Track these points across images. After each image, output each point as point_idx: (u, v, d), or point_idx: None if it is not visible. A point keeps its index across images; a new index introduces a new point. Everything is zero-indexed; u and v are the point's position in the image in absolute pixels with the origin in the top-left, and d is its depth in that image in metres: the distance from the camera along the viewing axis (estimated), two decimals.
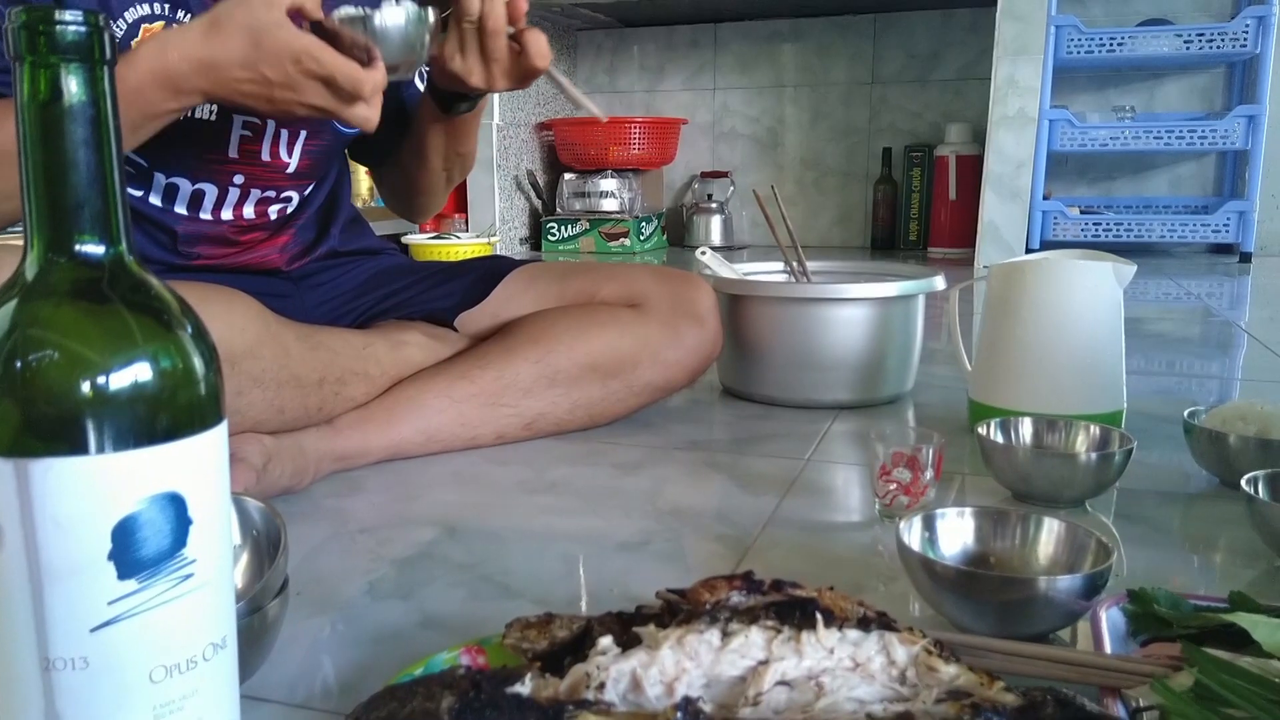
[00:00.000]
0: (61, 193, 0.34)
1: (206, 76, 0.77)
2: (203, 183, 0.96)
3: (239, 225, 1.01)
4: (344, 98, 0.79)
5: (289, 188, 1.02)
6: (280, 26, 0.76)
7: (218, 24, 0.76)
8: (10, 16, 0.33)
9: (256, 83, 0.77)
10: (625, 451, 1.02)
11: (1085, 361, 0.98)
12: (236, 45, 0.76)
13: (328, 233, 1.10)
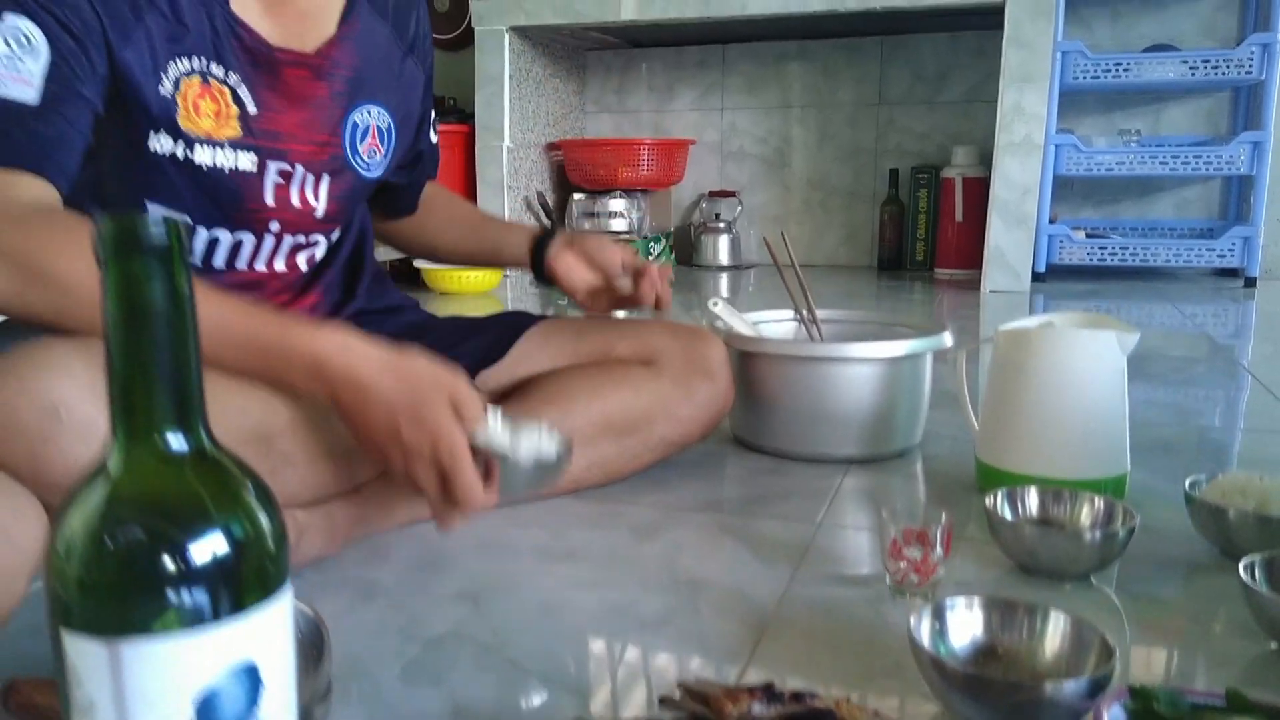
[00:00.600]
0: (145, 390, 0.37)
1: (349, 390, 0.79)
2: (241, 232, 0.98)
3: (272, 283, 1.04)
4: (447, 495, 0.81)
5: (317, 232, 1.05)
6: (445, 407, 0.79)
7: (400, 367, 0.80)
8: (100, 223, 0.36)
9: (386, 428, 0.79)
10: (641, 512, 1.05)
11: (1089, 428, 1.01)
12: (399, 393, 0.79)
13: (354, 294, 1.13)
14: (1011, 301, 2.69)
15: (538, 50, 3.38)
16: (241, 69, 0.93)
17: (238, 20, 0.92)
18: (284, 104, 0.97)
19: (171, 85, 0.89)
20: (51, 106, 0.82)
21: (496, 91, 3.22)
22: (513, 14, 3.16)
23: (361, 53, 1.02)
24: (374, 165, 1.07)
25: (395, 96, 1.07)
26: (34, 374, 0.72)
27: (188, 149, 0.91)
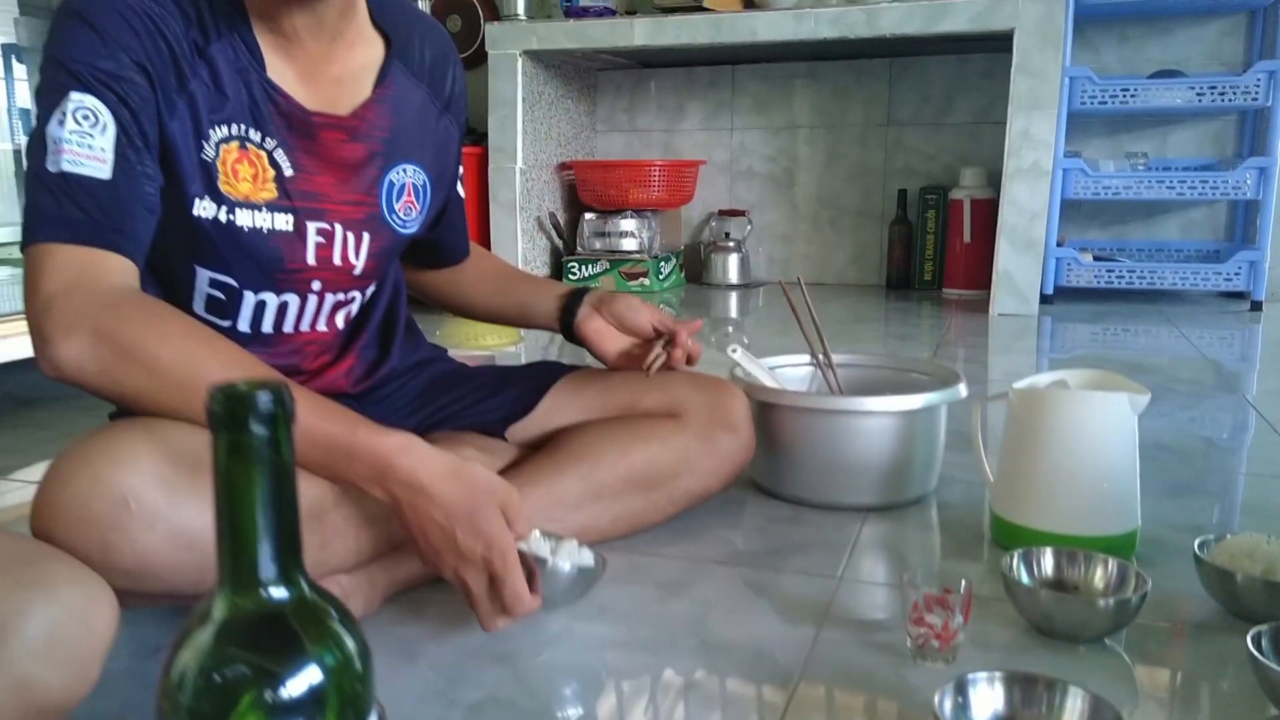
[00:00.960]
0: (250, 548, 0.41)
1: (410, 493, 0.83)
2: (286, 294, 1.01)
3: (314, 345, 1.07)
4: (495, 600, 0.86)
5: (355, 289, 1.08)
6: (499, 516, 0.84)
7: (459, 474, 0.83)
8: (212, 394, 0.40)
9: (442, 531, 0.83)
10: (666, 565, 1.09)
11: (1102, 487, 1.04)
12: (457, 499, 0.83)
13: (389, 352, 1.17)
14: (1020, 325, 2.72)
15: (550, 72, 3.42)
16: (278, 133, 0.96)
17: (274, 87, 0.95)
18: (321, 165, 1.00)
19: (213, 151, 0.93)
20: (122, 181, 0.85)
21: (509, 114, 3.26)
22: (525, 39, 3.20)
23: (397, 114, 1.05)
24: (410, 222, 1.10)
25: (430, 154, 1.11)
26: (106, 467, 0.75)
27: (229, 213, 0.94)
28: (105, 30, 0.86)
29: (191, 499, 0.78)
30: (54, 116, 0.85)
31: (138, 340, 0.80)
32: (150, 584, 0.77)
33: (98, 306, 0.81)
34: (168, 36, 0.89)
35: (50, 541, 0.74)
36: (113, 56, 0.86)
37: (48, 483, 0.77)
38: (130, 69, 0.87)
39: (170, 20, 0.89)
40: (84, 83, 0.85)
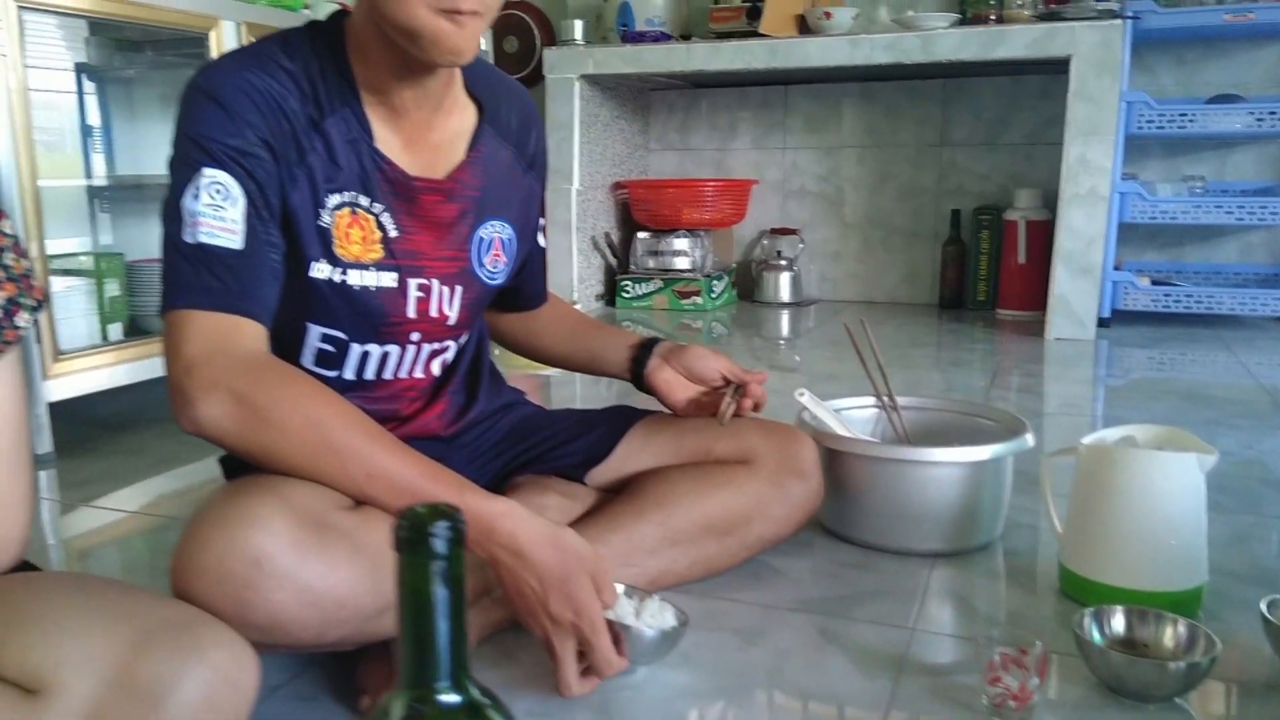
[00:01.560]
0: (429, 654, 0.46)
1: (508, 555, 0.89)
2: (388, 345, 1.08)
3: (410, 391, 1.13)
4: (580, 661, 0.93)
5: (449, 338, 1.14)
6: (589, 583, 0.90)
7: (555, 541, 0.90)
8: (400, 519, 0.45)
9: (535, 594, 0.89)
10: (742, 612, 1.13)
11: (1170, 544, 1.07)
12: (552, 565, 0.89)
13: (476, 397, 1.22)
14: (1076, 350, 2.73)
15: (605, 94, 3.48)
16: (384, 198, 1.03)
17: (382, 156, 1.02)
18: (420, 226, 1.06)
19: (329, 217, 1.00)
20: (252, 250, 0.92)
21: (566, 137, 3.32)
22: (583, 63, 3.26)
23: (487, 174, 1.11)
24: (497, 273, 1.16)
25: (515, 210, 1.17)
26: (241, 529, 0.82)
27: (342, 273, 1.01)
28: (233, 108, 0.93)
29: (315, 559, 0.84)
30: (188, 190, 0.92)
31: (271, 403, 0.87)
32: (279, 638, 0.84)
33: (236, 370, 0.87)
34: (288, 113, 0.96)
35: (189, 598, 0.81)
36: (240, 133, 0.93)
37: (187, 543, 0.83)
38: (256, 145, 0.94)
39: (289, 97, 0.96)
40: (215, 158, 0.92)
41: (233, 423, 0.86)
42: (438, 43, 0.92)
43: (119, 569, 1.37)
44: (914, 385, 2.29)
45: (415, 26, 0.91)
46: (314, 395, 0.90)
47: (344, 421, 0.89)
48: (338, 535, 0.86)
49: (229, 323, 0.90)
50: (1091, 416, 2.07)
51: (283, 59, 0.97)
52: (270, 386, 0.88)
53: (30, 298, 0.79)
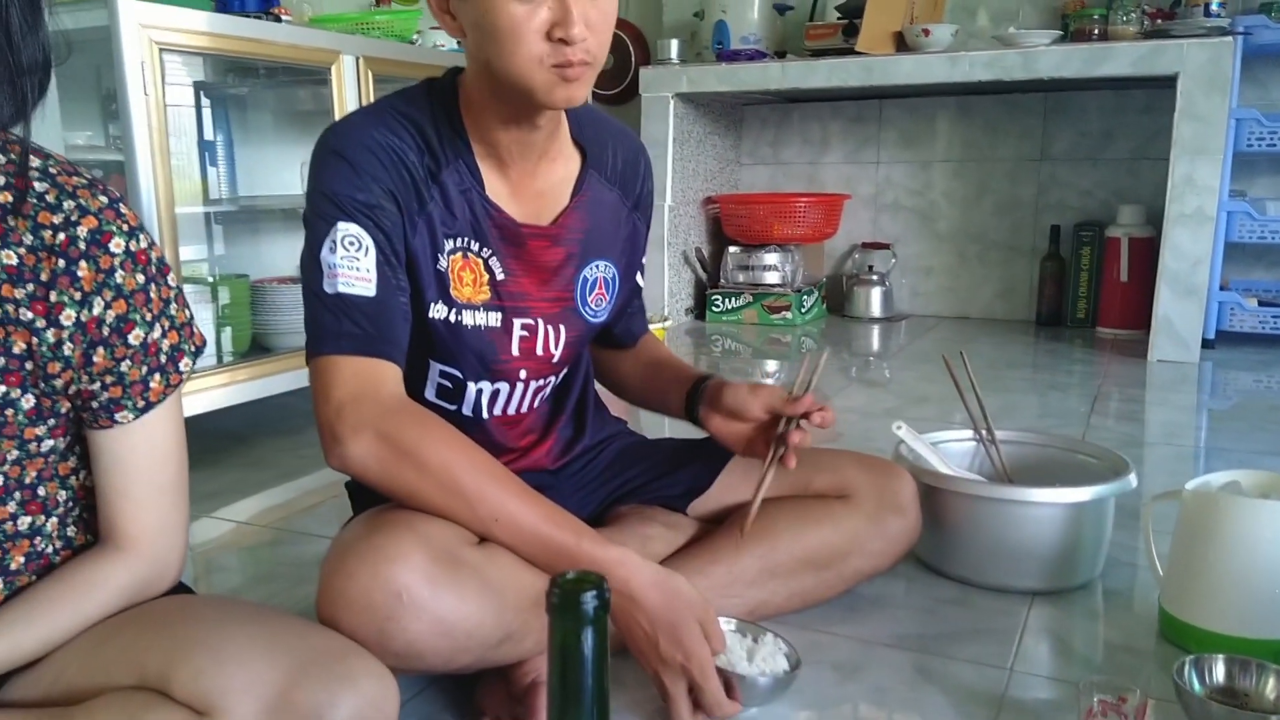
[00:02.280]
0: (576, 708, 0.51)
1: (622, 598, 0.94)
2: (499, 382, 1.14)
3: (522, 424, 1.19)
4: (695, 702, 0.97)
5: (552, 374, 1.20)
6: (697, 630, 0.95)
7: (665, 587, 0.95)
8: (551, 590, 0.51)
9: (646, 636, 0.95)
10: (839, 646, 1.16)
11: (1272, 592, 1.07)
12: (662, 611, 0.94)
13: (584, 431, 1.28)
14: (1179, 373, 2.67)
15: (699, 111, 3.52)
16: (493, 243, 1.09)
17: (491, 204, 1.08)
18: (526, 269, 1.12)
19: (445, 262, 1.06)
20: (385, 297, 0.99)
21: (660, 154, 3.37)
22: (677, 82, 3.31)
23: (591, 217, 1.16)
24: (600, 312, 1.21)
25: (619, 249, 1.22)
26: (384, 563, 0.89)
27: (457, 314, 1.08)
28: (360, 165, 1.01)
29: (449, 592, 0.91)
30: (325, 244, 0.99)
31: (412, 445, 0.94)
32: (413, 664, 0.91)
33: (380, 414, 0.95)
34: (408, 166, 1.03)
35: (334, 625, 0.88)
36: (367, 188, 1.00)
37: (334, 574, 0.91)
38: (382, 197, 1.01)
39: (409, 152, 1.03)
40: (347, 212, 1.00)
41: (377, 462, 0.94)
42: (551, 94, 0.97)
43: (243, 580, 1.47)
44: (1011, 410, 2.28)
45: (528, 82, 0.97)
46: (449, 440, 0.97)
47: (474, 465, 0.96)
48: (468, 571, 0.93)
49: (370, 366, 0.97)
50: (1195, 447, 2.03)
51: (403, 116, 1.04)
52: (410, 429, 0.95)
53: (191, 344, 0.88)
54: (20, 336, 0.77)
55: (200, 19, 1.83)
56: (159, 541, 0.86)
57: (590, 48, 0.96)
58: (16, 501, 0.81)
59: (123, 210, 0.81)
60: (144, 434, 0.84)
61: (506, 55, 0.95)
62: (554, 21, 0.94)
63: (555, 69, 0.96)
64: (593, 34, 0.96)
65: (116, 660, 0.78)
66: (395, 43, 2.35)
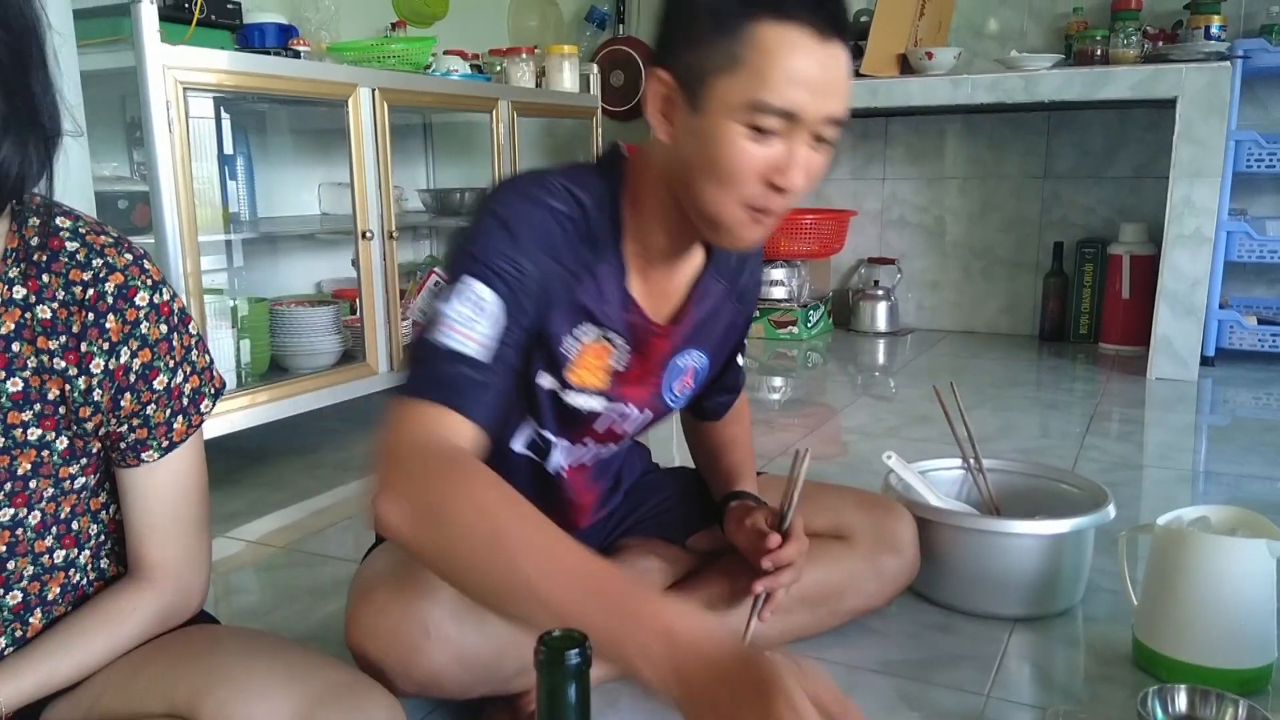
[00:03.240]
0: None
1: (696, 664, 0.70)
2: (578, 447, 1.13)
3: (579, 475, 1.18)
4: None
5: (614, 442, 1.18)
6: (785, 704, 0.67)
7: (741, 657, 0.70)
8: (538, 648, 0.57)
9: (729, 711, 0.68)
10: (828, 672, 1.22)
11: (1239, 624, 1.13)
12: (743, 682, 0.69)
13: (620, 485, 1.29)
14: (1178, 391, 2.71)
15: None
16: (624, 335, 1.06)
17: (632, 299, 1.05)
18: (641, 361, 1.11)
19: (574, 343, 1.03)
20: (492, 363, 0.89)
21: None
22: None
23: (699, 310, 1.12)
24: (681, 398, 1.18)
25: (716, 340, 1.18)
26: (415, 600, 0.95)
27: (564, 390, 1.05)
28: (517, 235, 0.94)
29: (473, 628, 0.96)
30: (451, 296, 0.91)
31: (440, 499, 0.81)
32: (433, 692, 0.98)
33: (414, 462, 0.83)
34: (565, 250, 0.97)
35: (363, 654, 0.95)
36: (515, 260, 0.93)
37: (364, 608, 0.96)
38: (528, 271, 0.94)
39: (570, 236, 0.97)
40: (484, 276, 0.91)
41: (400, 518, 0.82)
42: (735, 235, 0.95)
43: (260, 602, 1.54)
44: (1009, 430, 2.33)
45: (723, 217, 0.94)
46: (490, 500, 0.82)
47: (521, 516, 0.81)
48: None
49: (443, 416, 0.87)
50: (1188, 470, 2.08)
51: (572, 198, 0.99)
52: (442, 483, 0.82)
53: (211, 386, 0.94)
54: (55, 384, 0.84)
55: (222, 58, 1.90)
56: (184, 571, 0.93)
57: (796, 197, 0.93)
58: (53, 536, 0.88)
59: (146, 266, 0.88)
60: (168, 471, 0.91)
61: (716, 187, 0.92)
62: (777, 166, 0.90)
63: (754, 211, 0.93)
64: (805, 183, 0.92)
65: (149, 689, 0.85)
66: (410, 74, 2.42)
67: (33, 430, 0.83)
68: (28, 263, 0.83)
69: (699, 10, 0.91)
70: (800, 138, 0.91)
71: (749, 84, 0.88)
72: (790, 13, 0.88)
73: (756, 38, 0.88)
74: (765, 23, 0.88)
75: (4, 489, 0.82)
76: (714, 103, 0.90)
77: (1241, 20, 3.06)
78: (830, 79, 0.90)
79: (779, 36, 0.88)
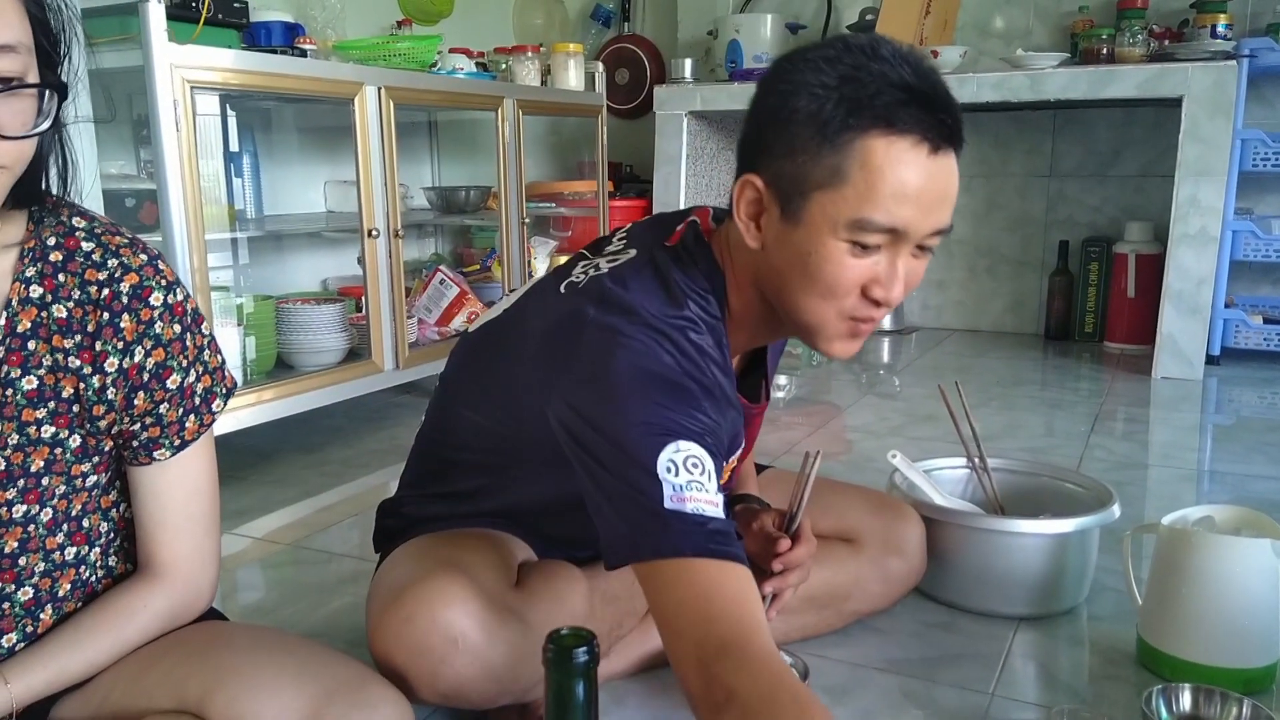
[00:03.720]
0: None
1: None
2: None
3: None
4: None
5: None
6: None
7: None
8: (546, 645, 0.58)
9: None
10: (831, 670, 1.23)
11: (1242, 622, 1.13)
12: None
13: None
14: (1183, 390, 2.71)
15: (713, 128, 3.59)
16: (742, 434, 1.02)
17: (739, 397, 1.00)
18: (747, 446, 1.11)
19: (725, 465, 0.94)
20: (727, 513, 0.85)
21: (674, 171, 3.44)
22: (690, 100, 3.38)
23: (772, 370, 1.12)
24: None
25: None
26: (442, 609, 0.93)
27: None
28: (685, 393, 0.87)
29: (500, 639, 0.95)
30: (661, 461, 0.82)
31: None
32: (456, 703, 0.97)
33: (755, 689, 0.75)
34: (715, 378, 0.91)
35: (388, 662, 0.95)
36: (693, 414, 0.86)
37: (390, 616, 0.95)
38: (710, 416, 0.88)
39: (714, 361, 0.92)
40: (692, 434, 0.85)
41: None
42: (833, 345, 0.92)
43: (267, 599, 1.55)
44: (1014, 429, 2.33)
45: (820, 327, 0.91)
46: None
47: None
48: (514, 616, 0.96)
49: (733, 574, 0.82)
50: (1195, 470, 2.08)
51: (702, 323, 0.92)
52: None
53: (223, 386, 0.95)
54: (69, 382, 0.84)
55: (228, 57, 1.91)
56: (193, 568, 0.93)
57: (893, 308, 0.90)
58: (64, 533, 0.88)
59: (161, 266, 0.88)
60: (180, 470, 0.91)
61: (815, 300, 0.89)
62: (876, 279, 0.87)
63: (851, 322, 0.90)
64: (904, 295, 0.90)
65: (159, 685, 0.86)
66: (415, 72, 2.42)
67: (46, 428, 0.84)
68: (44, 262, 0.84)
69: (800, 117, 0.85)
70: (904, 250, 0.87)
71: (855, 201, 0.83)
72: (902, 127, 0.82)
73: (865, 153, 0.82)
74: (875, 137, 0.82)
75: (17, 485, 0.83)
76: (814, 216, 0.85)
77: (1248, 19, 3.06)
78: (940, 193, 0.85)
79: (888, 152, 0.82)
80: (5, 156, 0.74)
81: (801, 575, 1.10)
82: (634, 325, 0.88)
